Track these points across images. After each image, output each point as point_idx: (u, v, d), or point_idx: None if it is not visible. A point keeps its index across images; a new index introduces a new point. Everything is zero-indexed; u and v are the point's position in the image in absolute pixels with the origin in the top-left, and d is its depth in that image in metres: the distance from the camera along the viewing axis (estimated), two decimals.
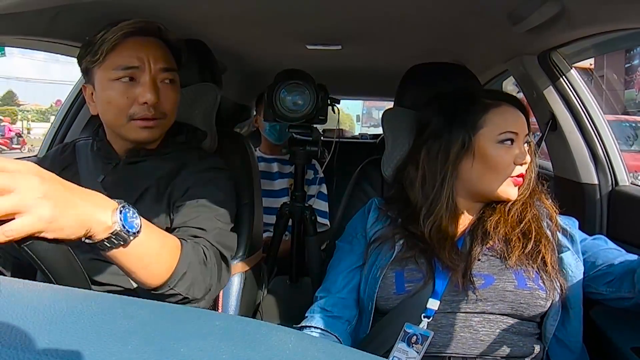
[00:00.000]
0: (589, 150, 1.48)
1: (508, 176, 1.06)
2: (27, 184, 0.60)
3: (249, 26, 1.61)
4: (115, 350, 0.34)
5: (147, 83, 1.03)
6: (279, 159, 2.33)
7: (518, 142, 1.07)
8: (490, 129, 1.07)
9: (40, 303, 0.41)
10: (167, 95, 1.07)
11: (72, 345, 0.34)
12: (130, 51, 1.03)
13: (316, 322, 1.08)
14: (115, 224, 0.71)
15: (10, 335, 0.34)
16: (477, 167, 1.07)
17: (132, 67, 1.03)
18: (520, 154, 1.05)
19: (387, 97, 3.92)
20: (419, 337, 1.00)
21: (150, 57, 1.04)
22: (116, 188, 1.10)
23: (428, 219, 1.07)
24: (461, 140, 1.07)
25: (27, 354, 0.32)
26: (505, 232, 1.05)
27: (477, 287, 1.00)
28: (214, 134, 1.36)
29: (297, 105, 1.48)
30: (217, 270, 0.97)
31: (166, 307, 0.44)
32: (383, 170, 1.35)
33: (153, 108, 1.04)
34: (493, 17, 1.33)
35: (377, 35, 1.70)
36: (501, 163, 1.05)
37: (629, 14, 1.01)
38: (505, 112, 1.08)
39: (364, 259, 1.11)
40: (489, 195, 1.09)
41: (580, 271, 1.06)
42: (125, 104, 1.04)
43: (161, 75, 1.06)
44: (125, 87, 1.04)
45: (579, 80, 1.49)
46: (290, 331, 0.43)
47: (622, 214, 1.42)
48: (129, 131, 1.06)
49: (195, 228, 0.99)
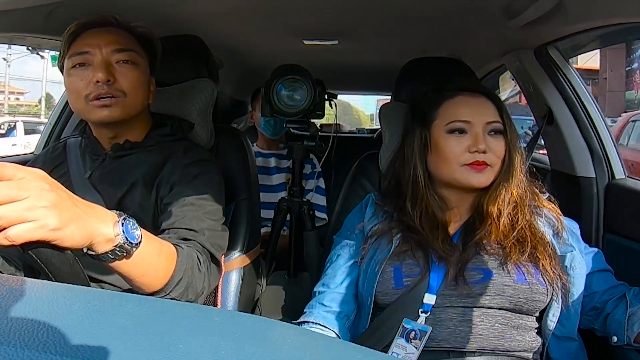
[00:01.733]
0: (586, 144, 1.48)
1: (462, 164, 1.06)
2: (35, 192, 0.61)
3: (246, 21, 1.61)
4: (114, 346, 0.34)
5: (98, 64, 1.06)
6: (276, 154, 2.33)
7: (472, 131, 1.06)
8: (440, 120, 1.09)
9: (38, 300, 0.41)
10: (123, 74, 1.08)
11: (71, 342, 0.34)
12: (85, 40, 1.08)
13: (315, 317, 1.08)
14: (118, 237, 0.73)
15: (9, 332, 0.35)
16: (434, 159, 1.10)
17: (84, 53, 1.06)
18: (473, 142, 1.05)
19: (384, 91, 3.92)
20: (417, 332, 1.00)
21: (102, 41, 1.07)
22: (103, 183, 1.12)
23: (415, 208, 1.09)
24: (419, 134, 1.12)
25: (26, 351, 0.32)
26: (498, 238, 1.05)
27: (475, 282, 1.00)
28: (210, 129, 1.36)
29: (294, 101, 1.48)
30: (208, 273, 0.98)
31: (165, 303, 0.44)
32: (381, 165, 1.35)
33: (107, 86, 1.05)
34: (489, 12, 1.33)
35: (373, 30, 1.69)
36: (451, 153, 1.06)
37: (625, 8, 1.01)
38: (459, 102, 1.09)
39: (362, 254, 1.12)
40: (454, 184, 1.09)
41: (584, 270, 1.06)
42: (81, 86, 1.06)
43: (115, 56, 1.08)
44: (79, 72, 1.07)
45: (575, 74, 1.49)
46: (289, 326, 0.43)
47: (618, 207, 1.43)
48: (91, 113, 1.08)
49: (185, 229, 0.99)
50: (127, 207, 1.09)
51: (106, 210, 0.74)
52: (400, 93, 1.42)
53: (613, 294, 1.08)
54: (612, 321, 1.05)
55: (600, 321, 1.08)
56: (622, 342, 1.02)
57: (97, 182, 1.12)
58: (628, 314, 1.02)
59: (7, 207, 0.59)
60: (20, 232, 0.60)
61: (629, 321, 1.02)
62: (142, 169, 1.11)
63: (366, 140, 3.55)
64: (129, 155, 1.14)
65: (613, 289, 1.09)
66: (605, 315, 1.07)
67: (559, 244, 1.07)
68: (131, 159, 1.13)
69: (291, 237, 1.73)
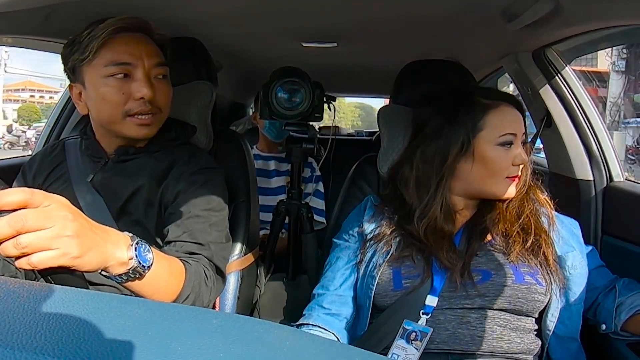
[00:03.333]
0: (584, 147, 1.49)
1: (506, 177, 1.06)
2: (61, 222, 0.64)
3: (245, 24, 1.61)
4: (113, 349, 0.34)
5: (142, 78, 1.03)
6: (276, 157, 2.33)
7: (516, 143, 1.06)
8: (489, 131, 1.06)
9: (37, 302, 0.41)
10: (162, 90, 1.07)
11: (70, 344, 0.34)
12: (121, 47, 1.03)
13: (314, 319, 1.08)
14: (131, 260, 0.76)
15: (7, 334, 0.34)
16: (476, 169, 1.06)
17: (125, 63, 1.03)
18: (519, 155, 1.05)
19: (383, 94, 3.92)
20: (418, 333, 1.00)
21: (143, 52, 1.04)
22: (106, 188, 1.10)
23: (422, 220, 1.07)
24: (460, 142, 1.06)
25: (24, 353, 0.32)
26: (505, 228, 1.06)
27: (475, 283, 1.01)
28: (209, 132, 1.35)
29: (293, 103, 1.48)
30: (214, 286, 1.01)
31: (163, 305, 0.44)
32: (379, 168, 1.35)
33: (149, 103, 1.04)
34: (487, 15, 1.33)
35: (372, 32, 1.70)
36: (500, 165, 1.05)
37: (623, 11, 1.02)
38: (504, 112, 1.07)
39: (360, 256, 1.12)
40: (488, 195, 1.09)
41: (585, 270, 1.07)
42: (121, 100, 1.03)
43: (155, 71, 1.06)
44: (120, 83, 1.03)
45: (573, 77, 1.49)
46: (288, 329, 0.43)
47: (616, 209, 1.43)
48: (126, 128, 1.06)
49: (191, 243, 1.00)
50: (131, 212, 1.09)
51: (120, 233, 0.78)
52: (399, 96, 1.43)
53: (608, 286, 1.13)
54: (602, 310, 1.10)
55: (592, 310, 1.13)
56: (610, 329, 1.08)
57: (99, 186, 1.10)
58: (616, 303, 1.08)
59: (34, 235, 0.62)
60: (43, 259, 0.63)
61: (617, 310, 1.07)
62: (146, 174, 1.10)
63: (364, 142, 3.55)
64: (133, 159, 1.12)
65: (610, 282, 1.13)
66: (597, 305, 1.12)
67: (557, 242, 1.08)
68: (135, 163, 1.12)
69: (290, 240, 1.73)
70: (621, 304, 1.07)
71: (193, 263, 0.96)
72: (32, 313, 0.39)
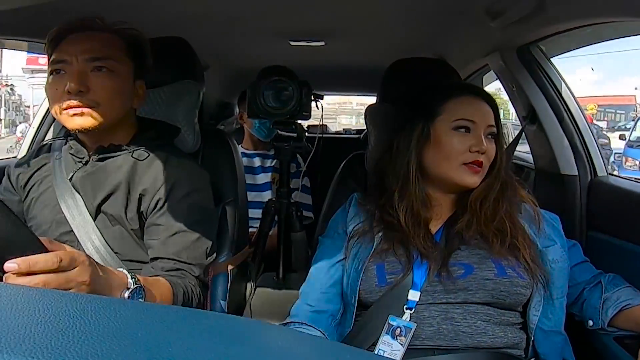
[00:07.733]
0: (568, 142, 1.50)
1: (462, 163, 1.07)
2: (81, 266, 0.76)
3: (231, 23, 1.60)
4: (102, 350, 0.34)
5: (70, 73, 1.05)
6: (261, 154, 2.32)
7: (475, 131, 1.08)
8: (446, 115, 1.09)
9: (26, 305, 0.41)
10: (98, 83, 1.06)
11: (59, 346, 0.34)
12: (64, 46, 1.07)
13: (301, 317, 1.09)
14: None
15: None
16: (433, 153, 1.09)
17: (61, 61, 1.06)
18: (476, 142, 1.06)
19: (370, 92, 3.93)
20: (403, 329, 1.01)
21: (78, 49, 1.06)
22: (85, 185, 1.11)
23: (401, 204, 1.09)
24: (420, 127, 1.11)
25: (12, 356, 0.32)
26: (480, 230, 1.06)
27: (457, 277, 1.01)
28: (197, 131, 1.35)
29: (280, 102, 1.48)
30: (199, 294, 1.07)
31: (154, 307, 0.44)
32: (367, 165, 1.36)
33: (78, 97, 1.04)
34: (472, 13, 1.35)
35: (359, 31, 1.71)
36: (454, 150, 1.07)
37: (606, 8, 1.03)
38: (465, 101, 1.10)
39: (345, 253, 1.12)
40: (448, 182, 1.10)
41: (566, 263, 1.09)
42: (57, 95, 1.06)
43: (90, 65, 1.06)
44: (56, 80, 1.07)
45: (557, 73, 1.51)
46: (277, 328, 0.43)
47: (601, 204, 1.45)
48: (64, 121, 1.08)
49: (177, 261, 1.06)
50: (108, 210, 1.10)
51: (121, 276, 0.88)
52: (385, 94, 1.43)
53: (592, 282, 1.14)
54: (588, 306, 1.11)
55: (578, 307, 1.14)
56: (597, 326, 1.09)
57: (78, 185, 1.11)
58: (603, 299, 1.09)
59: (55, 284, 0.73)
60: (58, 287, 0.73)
61: (603, 306, 1.08)
62: (124, 173, 1.11)
63: (352, 140, 3.56)
64: (112, 158, 1.13)
65: (595, 278, 1.14)
66: (583, 301, 1.13)
67: (538, 237, 1.09)
68: (114, 161, 1.13)
69: (279, 239, 1.72)
70: (607, 299, 1.08)
71: (179, 280, 1.03)
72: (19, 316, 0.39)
